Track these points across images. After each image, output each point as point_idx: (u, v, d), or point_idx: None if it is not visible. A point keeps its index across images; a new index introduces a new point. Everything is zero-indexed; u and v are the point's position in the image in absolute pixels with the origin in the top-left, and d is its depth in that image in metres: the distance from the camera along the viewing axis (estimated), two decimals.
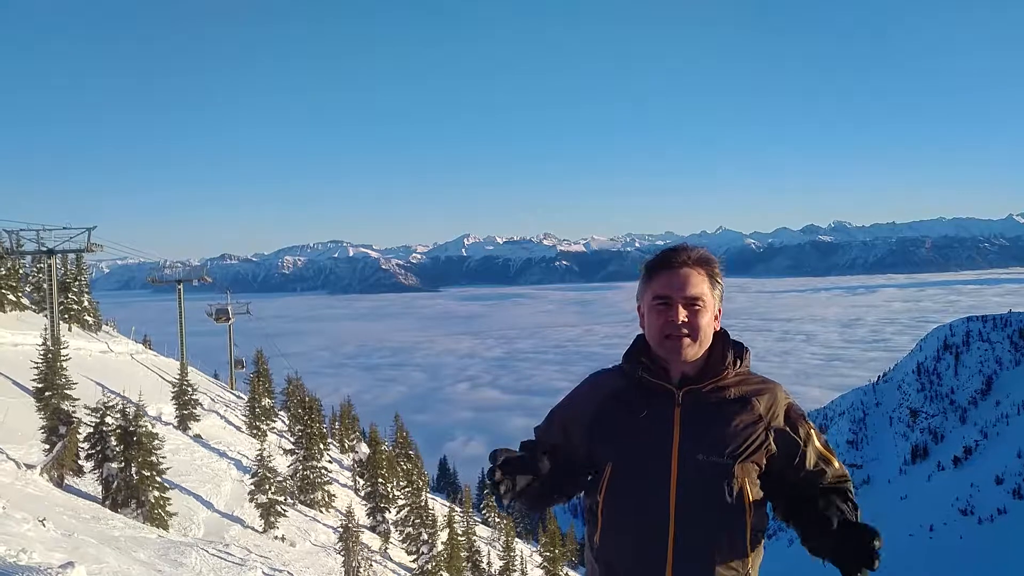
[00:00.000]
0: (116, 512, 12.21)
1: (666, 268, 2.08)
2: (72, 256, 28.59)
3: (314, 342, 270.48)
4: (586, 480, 2.19)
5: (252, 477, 17.00)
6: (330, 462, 25.11)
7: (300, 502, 21.15)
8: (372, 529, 21.78)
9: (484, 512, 38.68)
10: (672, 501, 1.99)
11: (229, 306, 41.57)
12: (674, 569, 2.00)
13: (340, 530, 16.69)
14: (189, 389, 22.09)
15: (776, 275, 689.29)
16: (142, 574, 7.33)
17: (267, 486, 16.64)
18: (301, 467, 21.75)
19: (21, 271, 29.36)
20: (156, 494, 12.82)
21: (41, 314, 27.12)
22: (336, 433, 35.59)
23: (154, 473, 12.87)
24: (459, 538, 23.43)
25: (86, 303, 31.89)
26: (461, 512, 28.17)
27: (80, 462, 13.01)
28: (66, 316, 28.50)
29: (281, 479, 18.50)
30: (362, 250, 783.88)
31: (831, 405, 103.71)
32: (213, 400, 29.34)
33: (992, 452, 72.38)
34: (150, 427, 13.59)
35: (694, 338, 2.02)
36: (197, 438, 21.57)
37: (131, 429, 12.74)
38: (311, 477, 21.85)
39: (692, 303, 2.03)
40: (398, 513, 22.18)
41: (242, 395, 34.54)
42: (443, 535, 22.18)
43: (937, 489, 71.89)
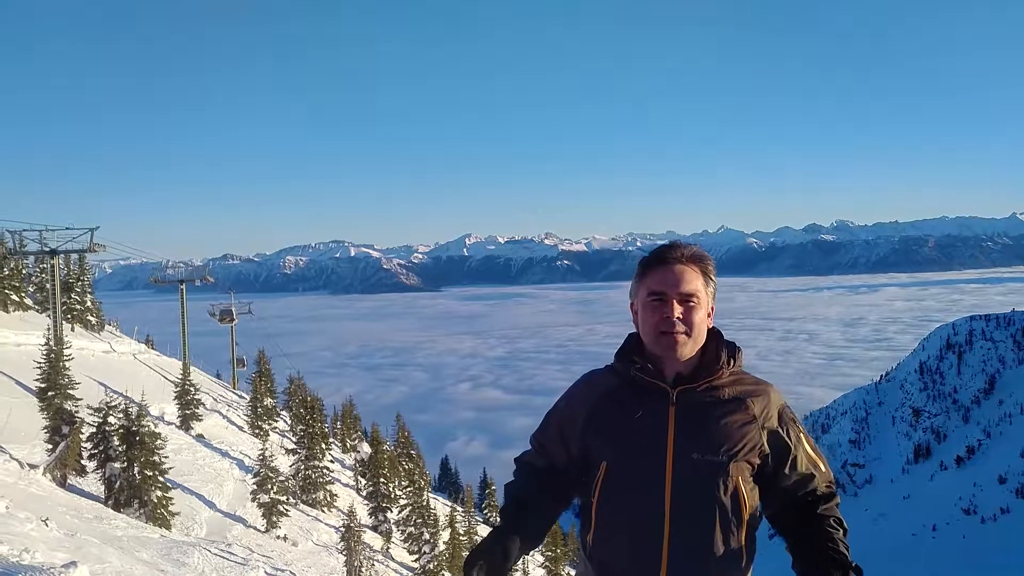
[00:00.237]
0: (119, 512, 12.23)
1: (661, 265, 2.08)
2: (75, 256, 28.64)
3: (316, 342, 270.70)
4: (579, 483, 2.19)
5: (254, 477, 17.02)
6: (332, 462, 25.13)
7: (302, 502, 21.18)
8: (374, 529, 21.79)
9: (486, 512, 38.68)
10: (667, 500, 1.99)
11: (233, 307, 41.65)
12: (669, 568, 2.00)
13: (342, 530, 16.70)
14: (191, 389, 22.12)
15: (778, 274, 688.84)
16: (145, 574, 7.34)
17: (269, 486, 16.65)
18: (303, 467, 21.77)
19: (24, 271, 29.42)
20: (159, 494, 12.84)
21: (44, 314, 27.18)
22: (338, 433, 35.62)
23: (157, 473, 12.89)
24: (461, 538, 23.43)
25: (89, 303, 31.94)
26: (463, 512, 28.16)
27: (83, 462, 13.04)
28: (69, 316, 28.55)
29: (283, 479, 18.52)
30: (364, 250, 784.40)
31: (833, 404, 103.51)
32: (215, 400, 29.38)
33: (995, 451, 72.24)
34: (153, 427, 13.62)
35: (689, 335, 2.03)
36: (199, 438, 21.60)
37: (134, 429, 12.76)
38: (313, 477, 21.87)
39: (687, 299, 2.03)
40: (400, 513, 22.20)
41: (244, 395, 34.58)
42: (445, 535, 22.20)
43: (940, 488, 71.75)
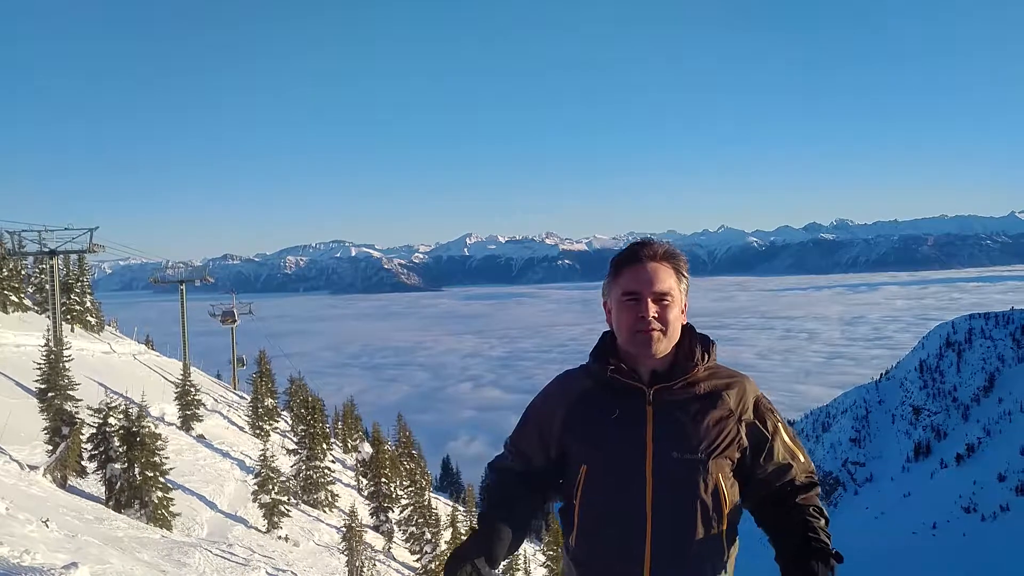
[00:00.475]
0: (119, 513, 12.23)
1: (634, 264, 2.06)
2: (74, 257, 28.65)
3: (317, 342, 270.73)
4: (559, 485, 2.19)
5: (255, 477, 17.01)
6: (333, 462, 25.11)
7: (303, 502, 21.17)
8: (375, 529, 21.78)
9: None
10: (649, 500, 1.99)
11: (235, 308, 41.67)
12: (652, 567, 1.99)
13: (343, 530, 16.69)
14: (192, 389, 22.11)
15: (778, 273, 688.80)
16: (146, 574, 7.34)
17: (270, 486, 16.64)
18: (304, 467, 21.76)
19: (23, 272, 29.42)
20: (159, 494, 12.83)
21: (44, 315, 27.17)
22: (339, 433, 35.61)
23: (157, 474, 12.88)
24: (462, 537, 23.40)
25: (88, 304, 31.93)
26: (464, 511, 28.18)
27: (83, 463, 13.03)
28: (68, 317, 28.54)
29: (284, 479, 18.51)
30: (364, 250, 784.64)
31: (834, 403, 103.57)
32: (216, 400, 29.38)
33: (995, 449, 72.31)
34: (153, 428, 13.61)
35: (664, 333, 2.03)
36: (200, 438, 21.59)
37: (134, 430, 12.75)
38: (314, 477, 21.86)
39: (661, 298, 2.03)
40: (401, 513, 22.19)
41: (245, 395, 34.57)
42: (446, 535, 22.19)
43: (940, 486, 71.85)
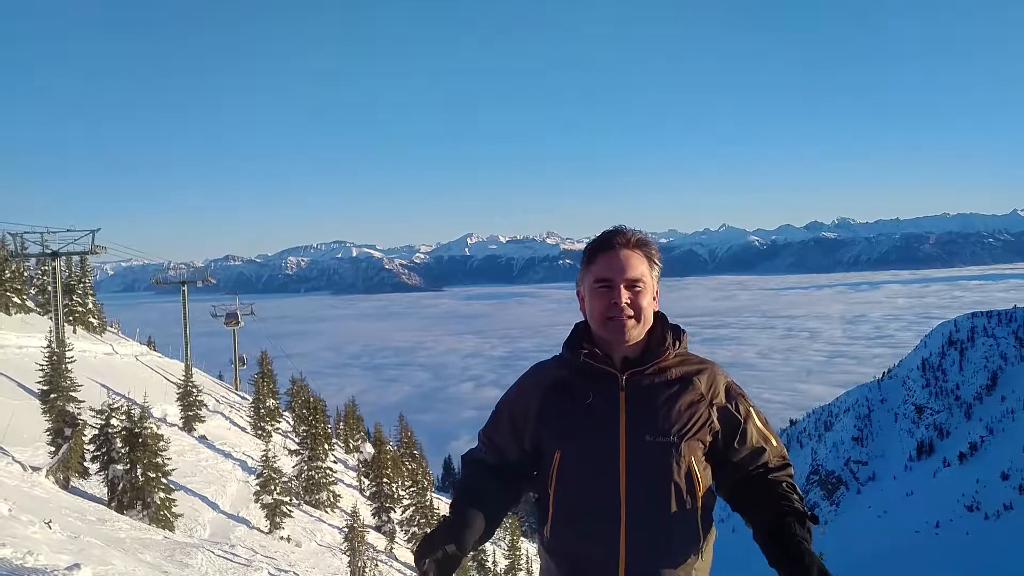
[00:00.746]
0: (122, 514, 12.24)
1: (606, 251, 2.09)
2: (76, 258, 28.69)
3: (318, 343, 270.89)
4: (532, 477, 2.19)
5: (257, 478, 17.03)
6: (335, 462, 25.12)
7: (305, 502, 21.18)
8: (377, 529, 21.79)
9: None
10: (623, 484, 2.00)
11: (238, 310, 41.72)
12: (627, 551, 1.99)
13: (345, 530, 16.70)
14: (194, 390, 22.14)
15: (780, 272, 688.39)
16: (148, 575, 7.34)
17: (272, 487, 16.66)
18: (306, 467, 21.78)
19: (26, 274, 29.46)
20: (161, 495, 12.84)
21: (46, 316, 27.21)
22: (341, 433, 35.64)
23: (159, 474, 12.89)
24: None
25: (91, 305, 31.97)
26: None
27: (85, 464, 13.05)
28: (71, 318, 28.58)
29: (286, 480, 18.54)
30: (365, 250, 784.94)
31: (835, 402, 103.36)
32: (218, 401, 29.41)
33: (998, 448, 72.17)
34: (155, 428, 13.63)
35: (637, 319, 2.05)
36: (202, 439, 21.61)
37: (136, 431, 12.77)
38: (316, 477, 21.87)
39: (633, 284, 2.05)
40: (403, 513, 22.22)
41: (247, 396, 34.60)
42: None
43: (943, 485, 71.72)
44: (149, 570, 7.73)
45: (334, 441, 30.67)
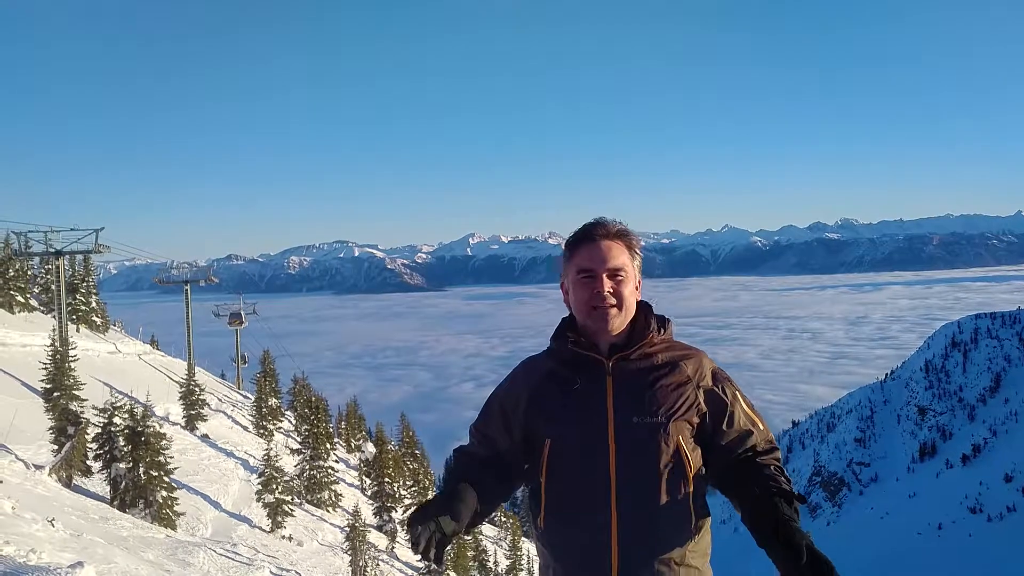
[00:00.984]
0: (124, 512, 12.27)
1: (588, 243, 2.14)
2: (80, 257, 28.75)
3: (320, 342, 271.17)
4: (523, 471, 2.21)
5: (259, 477, 17.05)
6: (336, 462, 25.16)
7: (307, 502, 21.20)
8: (379, 528, 21.81)
9: None
10: (612, 467, 2.01)
11: (242, 310, 41.74)
12: (619, 534, 2.00)
13: (347, 529, 16.71)
14: (196, 389, 22.17)
15: (782, 273, 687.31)
16: (151, 574, 7.36)
17: (274, 486, 16.68)
18: (308, 467, 21.80)
19: (29, 272, 29.50)
20: (164, 494, 12.86)
21: (49, 315, 27.27)
22: (342, 433, 35.67)
23: (162, 473, 12.92)
24: (465, 538, 23.46)
25: (94, 304, 32.02)
26: None
27: (88, 462, 13.07)
28: (74, 317, 28.63)
29: (288, 479, 18.55)
30: (367, 250, 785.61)
31: (838, 403, 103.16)
32: (220, 400, 29.45)
33: (1001, 450, 71.99)
34: (158, 427, 13.64)
35: (620, 308, 2.09)
36: (204, 438, 21.65)
37: (139, 429, 12.79)
38: (318, 477, 21.90)
39: (615, 274, 2.09)
40: (405, 513, 22.21)
41: (249, 395, 34.65)
42: None
43: (946, 487, 71.55)
44: (151, 568, 7.74)
45: (336, 440, 30.69)
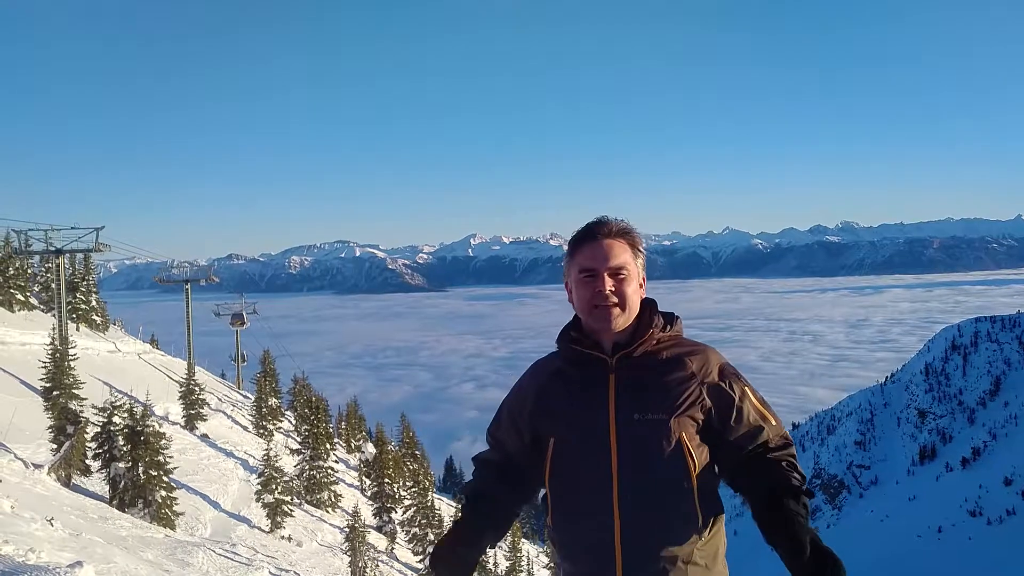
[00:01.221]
0: (123, 512, 12.26)
1: (590, 242, 2.13)
2: (80, 256, 28.76)
3: (320, 342, 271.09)
4: (537, 473, 2.19)
5: (259, 477, 17.05)
6: (336, 462, 25.15)
7: (307, 502, 21.20)
8: (378, 529, 21.80)
9: None
10: (614, 465, 2.00)
11: (243, 311, 41.75)
12: (622, 531, 1.99)
13: (346, 530, 16.71)
14: (196, 389, 22.17)
15: (783, 275, 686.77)
16: (150, 574, 7.35)
17: (274, 486, 16.68)
18: (307, 467, 21.80)
19: (29, 271, 29.52)
20: (163, 494, 12.86)
21: (49, 314, 27.28)
22: (342, 433, 35.67)
23: (161, 473, 12.91)
24: None
25: (94, 303, 32.04)
26: None
27: (87, 462, 13.07)
28: (74, 316, 28.65)
29: (288, 479, 18.54)
30: (368, 250, 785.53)
31: (838, 406, 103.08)
32: (220, 400, 29.45)
33: (1001, 453, 71.93)
34: (157, 427, 13.64)
35: (622, 307, 2.07)
36: (204, 438, 21.64)
37: (138, 429, 12.79)
38: (317, 477, 21.89)
39: (617, 273, 2.08)
40: (404, 513, 22.21)
41: (249, 395, 34.64)
42: None
43: (945, 490, 71.47)
44: (150, 568, 7.74)
45: (336, 441, 30.68)
